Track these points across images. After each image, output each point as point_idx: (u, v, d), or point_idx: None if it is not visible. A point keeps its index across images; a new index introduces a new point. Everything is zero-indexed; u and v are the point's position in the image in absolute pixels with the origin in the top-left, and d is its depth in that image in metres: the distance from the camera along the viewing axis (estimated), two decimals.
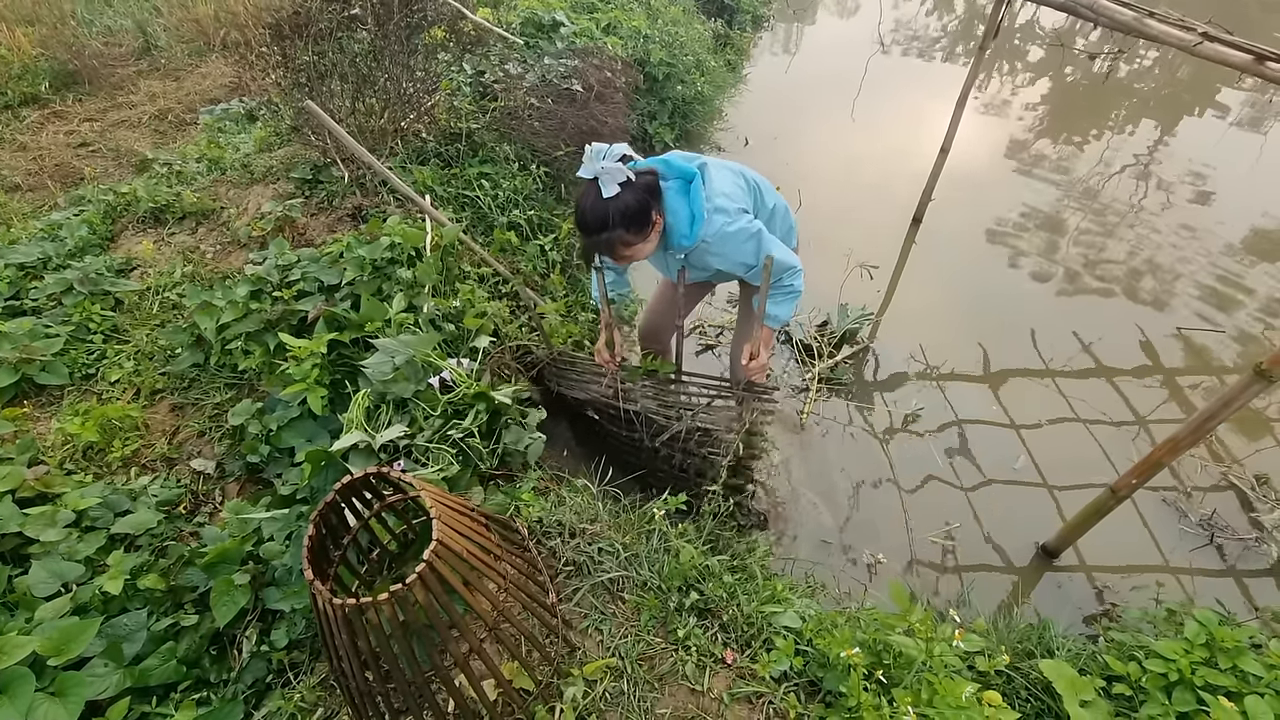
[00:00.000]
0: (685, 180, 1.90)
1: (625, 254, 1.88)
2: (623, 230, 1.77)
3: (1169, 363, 3.58)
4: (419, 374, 2.05)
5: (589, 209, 1.76)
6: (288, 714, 1.53)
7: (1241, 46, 2.12)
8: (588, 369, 2.44)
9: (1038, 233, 4.58)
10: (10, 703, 1.32)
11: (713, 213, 1.89)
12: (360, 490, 1.40)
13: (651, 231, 1.85)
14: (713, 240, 1.93)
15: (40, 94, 4.68)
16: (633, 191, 1.75)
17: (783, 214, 2.25)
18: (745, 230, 1.94)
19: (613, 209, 1.73)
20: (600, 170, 1.71)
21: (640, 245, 1.87)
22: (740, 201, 2.00)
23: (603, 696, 1.55)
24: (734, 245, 1.95)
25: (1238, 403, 1.92)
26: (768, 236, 1.99)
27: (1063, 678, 1.71)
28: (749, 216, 1.98)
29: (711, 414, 2.21)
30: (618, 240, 1.80)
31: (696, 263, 2.06)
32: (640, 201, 1.77)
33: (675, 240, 1.93)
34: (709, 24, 6.66)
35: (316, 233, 2.91)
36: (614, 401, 2.30)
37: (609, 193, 1.71)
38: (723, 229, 1.91)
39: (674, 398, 2.29)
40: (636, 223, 1.79)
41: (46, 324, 2.47)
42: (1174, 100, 6.72)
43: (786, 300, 2.09)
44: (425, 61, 3.50)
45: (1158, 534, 2.73)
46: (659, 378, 2.33)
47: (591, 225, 1.78)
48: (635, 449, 2.41)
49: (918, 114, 5.86)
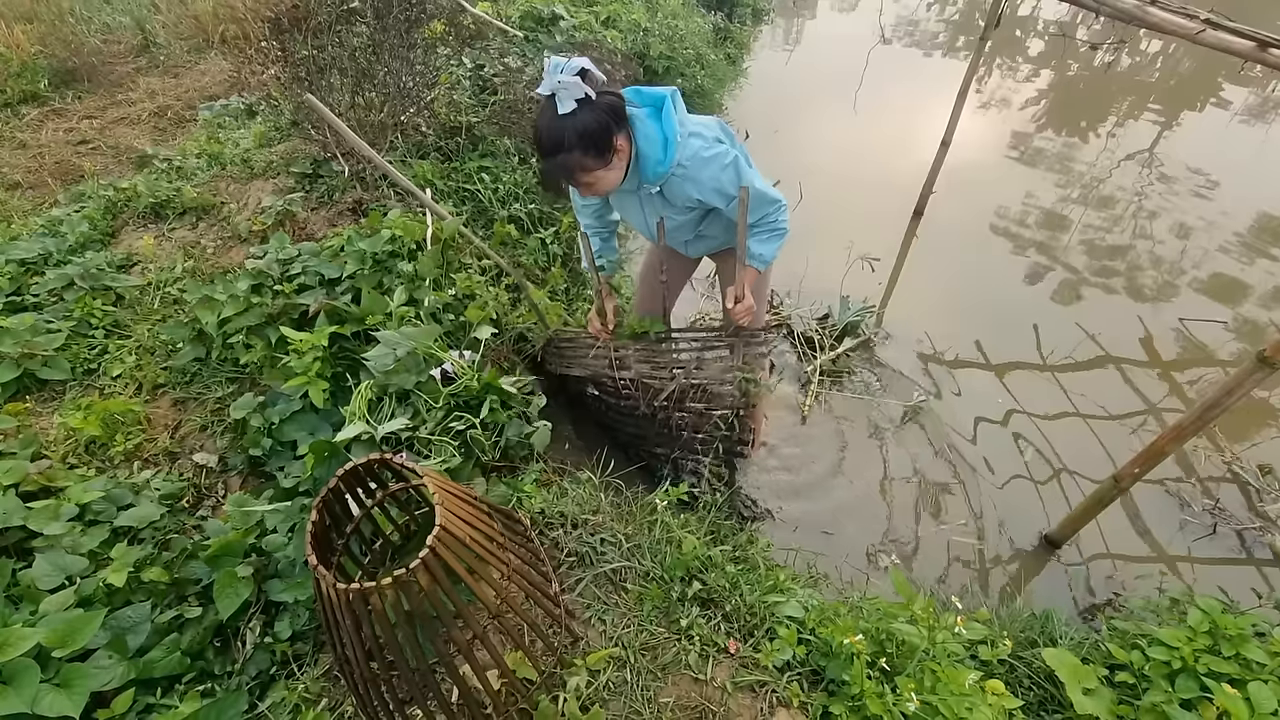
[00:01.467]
0: (656, 106, 1.81)
1: (586, 181, 1.76)
2: (580, 153, 1.65)
3: (1171, 354, 3.58)
4: (420, 366, 2.05)
5: (544, 128, 1.64)
6: (291, 705, 1.54)
7: (1244, 34, 2.11)
8: (583, 343, 2.43)
9: (1040, 225, 4.58)
10: (16, 694, 1.32)
11: (688, 136, 1.81)
12: (363, 480, 1.40)
13: (614, 158, 1.73)
14: (689, 164, 1.81)
15: (40, 92, 4.67)
16: (591, 110, 1.62)
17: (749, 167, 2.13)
18: (722, 155, 1.83)
19: (569, 128, 1.61)
20: (557, 85, 1.58)
21: (602, 173, 1.75)
22: (715, 132, 1.91)
23: (606, 686, 1.55)
24: (711, 171, 1.83)
25: (1241, 390, 1.91)
26: (745, 167, 1.89)
27: (1065, 666, 1.72)
28: (724, 145, 1.88)
29: (705, 368, 2.18)
30: (575, 165, 1.68)
31: (674, 197, 1.92)
32: (600, 121, 1.64)
33: (649, 168, 1.82)
34: (709, 17, 6.64)
35: (317, 227, 2.90)
36: (609, 372, 2.27)
37: (564, 109, 1.59)
38: (699, 152, 1.81)
39: (666, 357, 2.26)
40: (596, 145, 1.66)
41: (48, 320, 2.47)
42: (1177, 92, 6.70)
43: (772, 238, 2.00)
44: (425, 55, 3.49)
45: (1161, 524, 2.73)
46: (650, 338, 2.30)
47: (547, 146, 1.66)
48: (636, 421, 2.41)
49: (919, 106, 5.84)
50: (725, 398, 2.13)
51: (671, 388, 2.14)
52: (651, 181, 1.86)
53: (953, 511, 2.74)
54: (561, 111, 1.60)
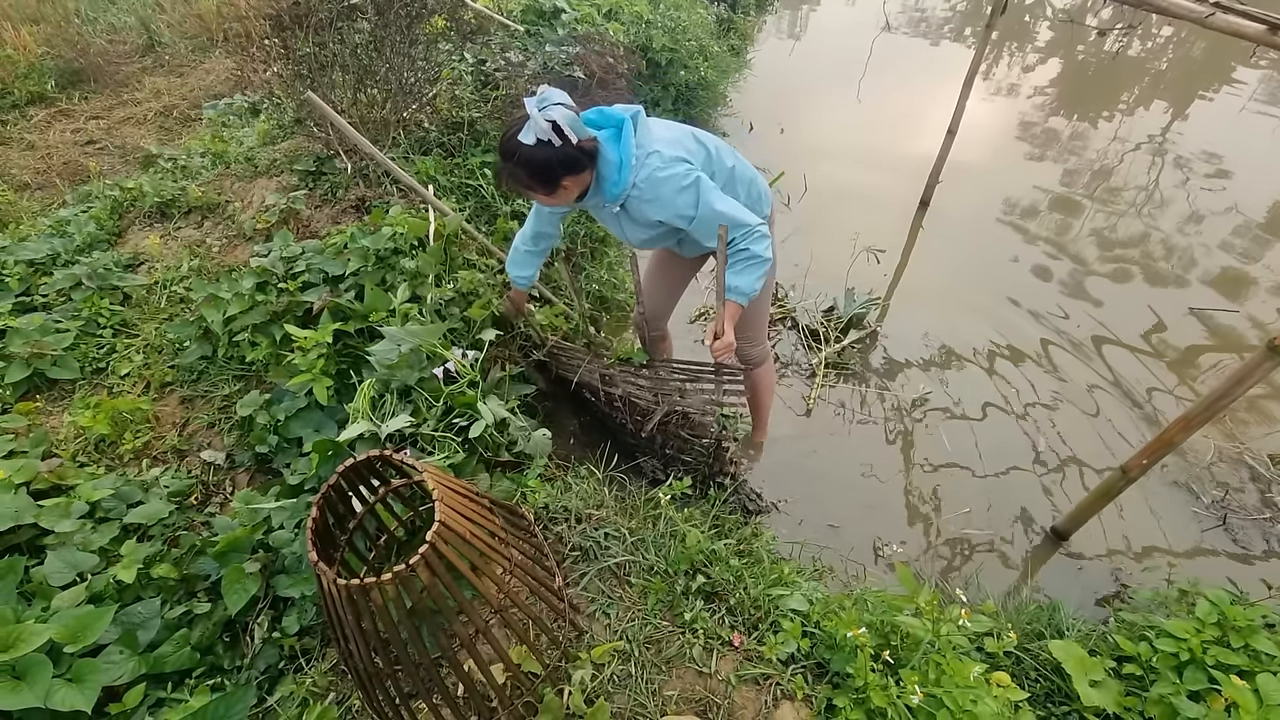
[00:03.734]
0: (616, 127, 1.84)
1: (528, 195, 1.87)
2: (524, 174, 1.77)
3: (1181, 343, 3.54)
4: (423, 363, 2.06)
5: (506, 138, 1.76)
6: (299, 699, 1.55)
7: (1254, 16, 2.07)
8: (575, 355, 2.45)
9: (1048, 215, 4.53)
10: (29, 688, 1.34)
11: (644, 157, 1.82)
12: (366, 476, 1.41)
13: (560, 191, 1.82)
14: (644, 186, 1.83)
15: (46, 93, 4.71)
16: (546, 151, 1.72)
17: (747, 181, 2.09)
18: (678, 175, 1.82)
19: (521, 152, 1.72)
20: (532, 114, 1.68)
21: (544, 197, 1.85)
22: (679, 151, 1.87)
23: (610, 679, 1.56)
24: (667, 192, 1.82)
25: (1251, 380, 1.89)
26: (708, 187, 1.84)
27: (1072, 658, 1.71)
28: (688, 165, 1.85)
29: (688, 397, 2.17)
30: (520, 181, 1.80)
31: (635, 215, 1.94)
32: (548, 163, 1.74)
33: (607, 189, 1.86)
34: (712, 8, 6.59)
35: (320, 224, 2.91)
36: (598, 385, 2.30)
37: (525, 139, 1.70)
38: (653, 174, 1.81)
39: (654, 382, 2.27)
40: (540, 178, 1.78)
41: (57, 319, 2.50)
42: (1188, 79, 6.61)
43: (748, 268, 1.89)
44: (426, 51, 3.48)
45: (1170, 515, 2.71)
46: (633, 364, 2.32)
47: (500, 151, 1.80)
48: (628, 431, 2.42)
49: (924, 95, 5.79)
50: (708, 427, 2.14)
51: (657, 416, 2.15)
52: (611, 201, 1.89)
53: (959, 503, 2.73)
54: (522, 138, 1.70)
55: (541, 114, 1.67)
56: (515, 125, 1.74)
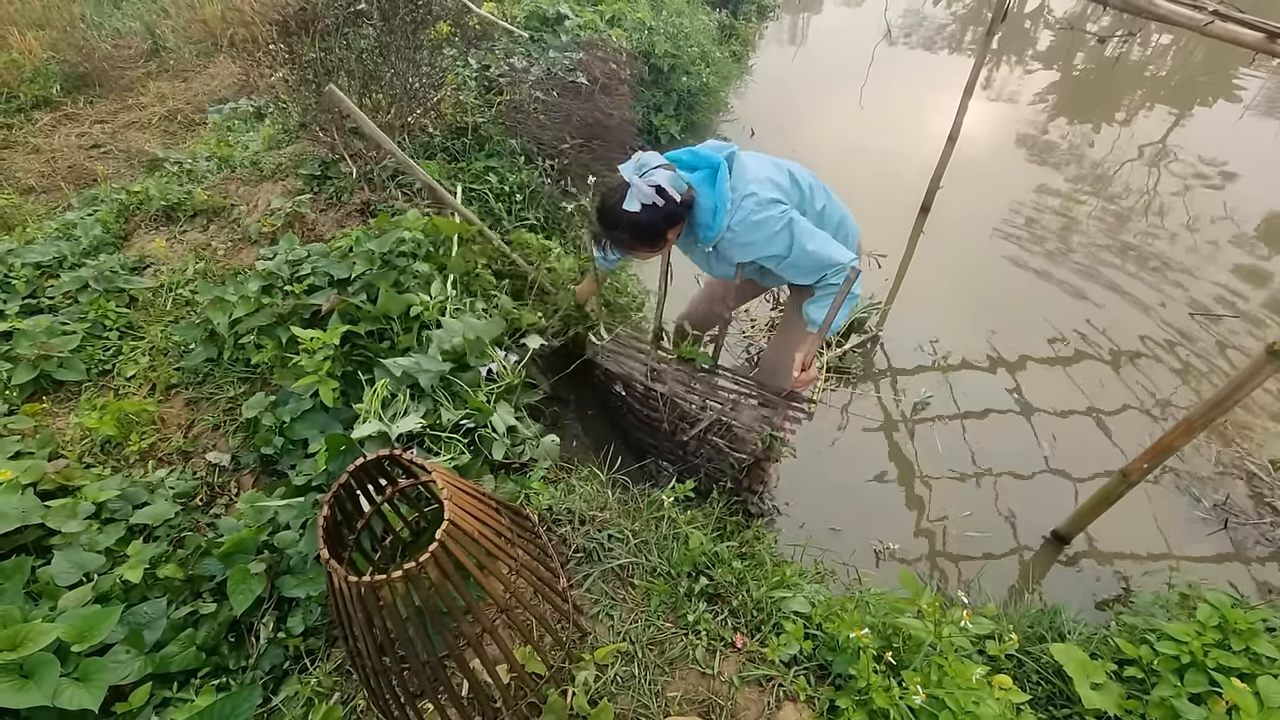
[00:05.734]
0: (712, 169, 1.87)
1: (629, 254, 1.99)
2: (630, 237, 1.86)
3: (1182, 349, 3.55)
4: (476, 357, 2.11)
5: (609, 208, 1.84)
6: (304, 698, 1.56)
7: (1253, 24, 2.09)
8: (629, 343, 2.47)
9: (1048, 220, 4.55)
10: (36, 687, 1.35)
11: (740, 199, 1.85)
12: (374, 477, 1.42)
13: (662, 245, 1.91)
14: (738, 229, 1.86)
15: (52, 97, 4.73)
16: (651, 213, 1.79)
17: (836, 221, 2.11)
18: (773, 219, 1.84)
19: (627, 220, 1.80)
20: (633, 182, 1.76)
21: (645, 252, 1.96)
22: (774, 192, 1.89)
23: (614, 680, 1.56)
24: (762, 235, 1.86)
25: (1251, 384, 1.90)
26: (802, 228, 1.86)
27: (1074, 661, 1.72)
28: (783, 207, 1.87)
29: (740, 411, 2.19)
30: (623, 243, 1.90)
31: (725, 254, 1.99)
32: (655, 224, 1.83)
33: (701, 233, 1.93)
34: (713, 15, 6.63)
35: (325, 228, 2.93)
36: (643, 381, 2.32)
37: (630, 207, 1.77)
38: (748, 217, 1.84)
39: (705, 388, 2.29)
40: (645, 239, 1.87)
41: (63, 321, 2.51)
42: (1188, 85, 6.63)
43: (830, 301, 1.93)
44: (431, 56, 3.51)
45: (1171, 519, 2.71)
46: (695, 366, 2.34)
47: (604, 222, 1.89)
48: (653, 433, 2.43)
49: (926, 102, 5.82)
50: (748, 444, 2.15)
51: (704, 423, 2.17)
52: (703, 244, 1.96)
53: (961, 506, 2.74)
54: (626, 206, 1.78)
55: (644, 179, 1.75)
56: (615, 195, 1.81)
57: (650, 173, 1.78)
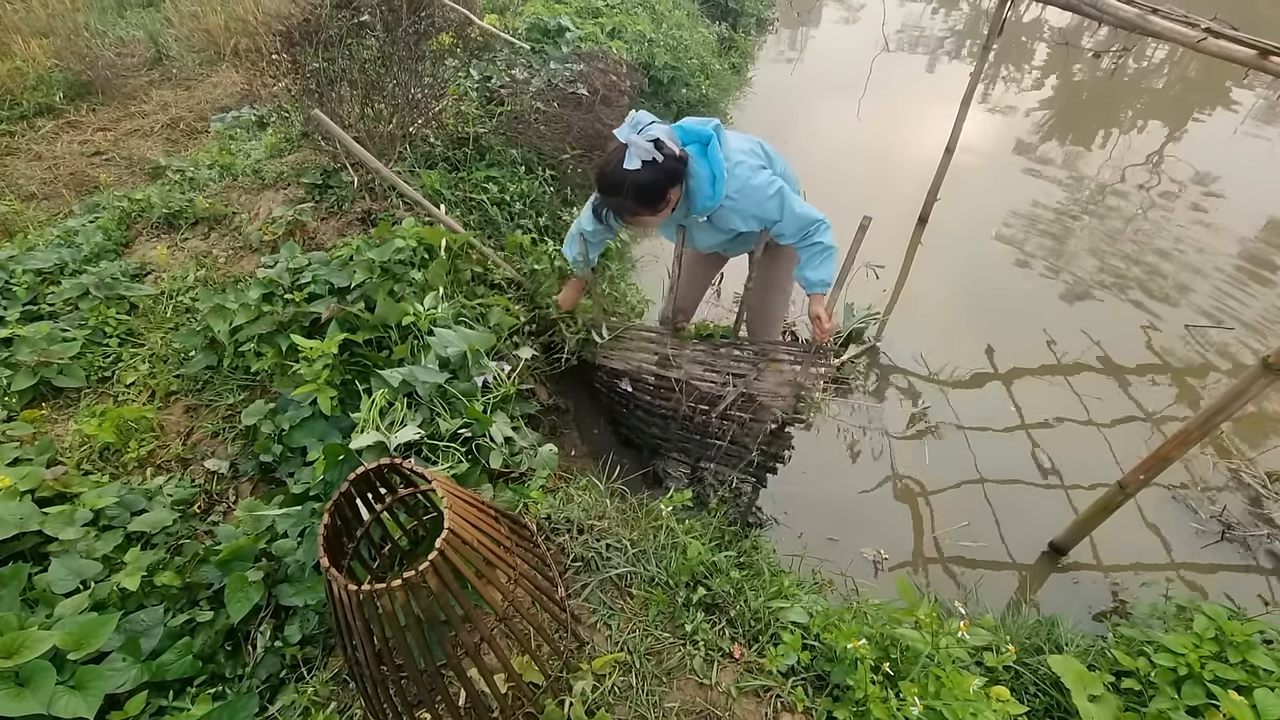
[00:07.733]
0: (702, 143, 1.92)
1: (631, 221, 1.97)
2: (633, 201, 1.86)
3: (1177, 360, 3.57)
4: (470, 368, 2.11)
5: (609, 172, 1.83)
6: (301, 708, 1.55)
7: (1245, 41, 2.12)
8: (635, 335, 2.48)
9: (1045, 232, 4.58)
10: (32, 695, 1.34)
11: (734, 168, 1.93)
12: (374, 485, 1.42)
13: (664, 208, 1.91)
14: (737, 196, 1.95)
15: (55, 104, 4.75)
16: (653, 170, 1.79)
17: (793, 178, 2.27)
18: (765, 184, 1.96)
19: (629, 181, 1.80)
20: (630, 140, 1.76)
21: (648, 218, 1.94)
22: (756, 160, 2.02)
23: (611, 690, 1.56)
24: (757, 199, 1.96)
25: (1246, 396, 1.92)
26: (788, 192, 1.99)
27: (1071, 672, 1.72)
28: (769, 172, 2.00)
29: (764, 379, 2.21)
30: (627, 210, 1.90)
31: (719, 223, 2.07)
32: (657, 181, 1.83)
33: (699, 203, 1.96)
34: (713, 27, 6.70)
35: (326, 236, 2.94)
36: (654, 369, 2.33)
37: (630, 165, 1.77)
38: (746, 182, 1.94)
39: (724, 363, 2.31)
40: (648, 200, 1.86)
41: (64, 328, 2.51)
42: (1183, 99, 6.70)
43: (824, 261, 2.09)
44: (433, 67, 3.54)
45: (1168, 531, 2.72)
46: (713, 342, 2.36)
47: (605, 187, 1.88)
48: (664, 424, 2.45)
49: (923, 114, 5.87)
50: (772, 410, 2.16)
51: (730, 397, 2.18)
52: (701, 213, 1.99)
53: (958, 517, 2.74)
54: (627, 165, 1.78)
55: (641, 135, 1.75)
56: (612, 159, 1.82)
57: (646, 128, 1.79)
